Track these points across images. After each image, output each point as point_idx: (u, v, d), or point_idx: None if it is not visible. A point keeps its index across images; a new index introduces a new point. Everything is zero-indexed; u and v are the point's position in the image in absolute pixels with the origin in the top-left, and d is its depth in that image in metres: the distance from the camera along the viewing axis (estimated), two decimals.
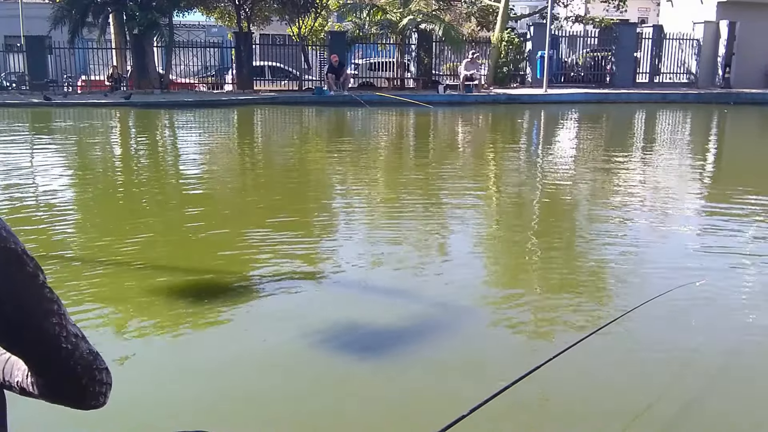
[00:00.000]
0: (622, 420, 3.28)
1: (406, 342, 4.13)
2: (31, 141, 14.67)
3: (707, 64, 27.79)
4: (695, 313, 4.56)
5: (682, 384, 3.66)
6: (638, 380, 3.70)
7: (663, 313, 4.40)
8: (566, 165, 11.96)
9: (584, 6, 34.43)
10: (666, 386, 3.61)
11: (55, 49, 23.84)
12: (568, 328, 4.35)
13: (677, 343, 4.15)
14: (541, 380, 3.18)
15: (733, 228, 7.06)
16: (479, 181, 10.27)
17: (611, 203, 8.48)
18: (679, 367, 3.87)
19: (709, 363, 3.91)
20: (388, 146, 14.59)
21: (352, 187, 9.79)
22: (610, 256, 6.12)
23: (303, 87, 25.56)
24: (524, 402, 3.32)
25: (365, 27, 26.74)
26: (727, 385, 3.68)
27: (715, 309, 4.69)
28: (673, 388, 3.60)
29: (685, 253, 6.07)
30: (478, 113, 21.15)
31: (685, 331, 4.31)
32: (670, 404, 3.42)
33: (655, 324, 4.34)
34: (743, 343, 4.19)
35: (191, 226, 6.73)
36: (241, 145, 14.98)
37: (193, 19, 33.63)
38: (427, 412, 3.29)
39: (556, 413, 3.39)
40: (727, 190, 9.30)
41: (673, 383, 3.66)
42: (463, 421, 1.76)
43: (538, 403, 3.41)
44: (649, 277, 5.39)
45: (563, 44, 28.28)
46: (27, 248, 0.89)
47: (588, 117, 20.77)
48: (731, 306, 4.78)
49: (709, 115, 21.41)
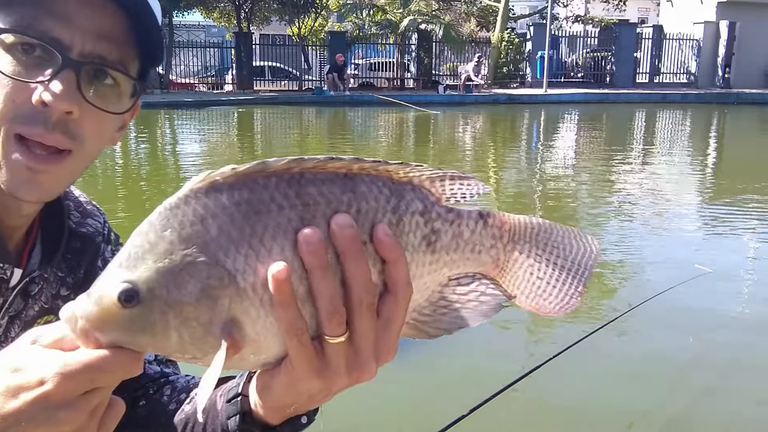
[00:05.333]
0: (622, 420, 3.28)
1: (406, 342, 4.11)
2: None
3: (707, 64, 27.80)
4: (696, 311, 4.56)
5: (687, 382, 3.66)
6: (640, 379, 3.69)
7: (665, 311, 4.39)
8: (569, 164, 11.95)
9: (584, 6, 34.43)
10: (669, 385, 3.60)
11: None
12: (569, 326, 4.34)
13: (679, 341, 4.14)
14: (541, 380, 3.18)
15: (733, 226, 7.06)
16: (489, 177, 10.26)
17: (614, 202, 8.48)
18: (682, 365, 3.86)
19: (712, 362, 3.91)
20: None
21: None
22: (610, 255, 6.11)
23: (303, 87, 25.56)
24: (524, 402, 3.32)
25: (365, 27, 26.75)
26: (735, 383, 3.67)
27: (716, 307, 4.68)
28: (677, 387, 3.59)
29: (686, 251, 6.07)
30: (479, 113, 21.15)
31: (687, 330, 4.30)
32: (672, 404, 3.42)
33: (656, 322, 4.33)
34: (747, 340, 4.19)
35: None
36: (245, 146, 14.97)
37: (193, 20, 33.67)
38: (427, 412, 3.29)
39: (556, 413, 3.38)
40: (728, 188, 9.30)
41: (677, 381, 3.66)
42: (463, 421, 1.76)
43: (538, 403, 3.41)
44: (651, 274, 5.39)
45: (563, 44, 28.29)
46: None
47: (589, 117, 20.77)
48: (733, 303, 4.77)
49: (709, 115, 21.41)
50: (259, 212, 0.55)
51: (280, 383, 0.63)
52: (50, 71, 0.80)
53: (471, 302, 0.65)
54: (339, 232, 0.57)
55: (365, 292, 0.58)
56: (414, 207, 0.61)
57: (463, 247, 0.63)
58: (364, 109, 20.29)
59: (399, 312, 0.61)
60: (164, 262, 0.54)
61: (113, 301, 0.54)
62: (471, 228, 0.63)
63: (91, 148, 0.88)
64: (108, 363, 0.55)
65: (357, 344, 0.61)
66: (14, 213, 0.91)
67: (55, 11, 0.81)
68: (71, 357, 0.56)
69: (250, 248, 0.55)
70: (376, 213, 0.59)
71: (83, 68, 0.82)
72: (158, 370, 1.09)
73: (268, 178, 0.56)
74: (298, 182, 0.57)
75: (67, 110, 0.81)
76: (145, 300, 0.54)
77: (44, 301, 0.98)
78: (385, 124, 18.98)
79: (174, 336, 0.55)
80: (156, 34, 0.88)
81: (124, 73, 0.86)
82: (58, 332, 0.58)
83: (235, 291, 0.55)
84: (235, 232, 0.55)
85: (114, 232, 1.13)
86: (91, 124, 0.85)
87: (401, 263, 0.59)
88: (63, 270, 1.01)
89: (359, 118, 19.75)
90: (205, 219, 0.54)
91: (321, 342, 0.60)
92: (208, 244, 0.54)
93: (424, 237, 0.61)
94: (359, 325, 0.60)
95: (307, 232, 0.56)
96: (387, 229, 0.59)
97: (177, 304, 0.54)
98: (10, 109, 0.81)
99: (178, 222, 0.55)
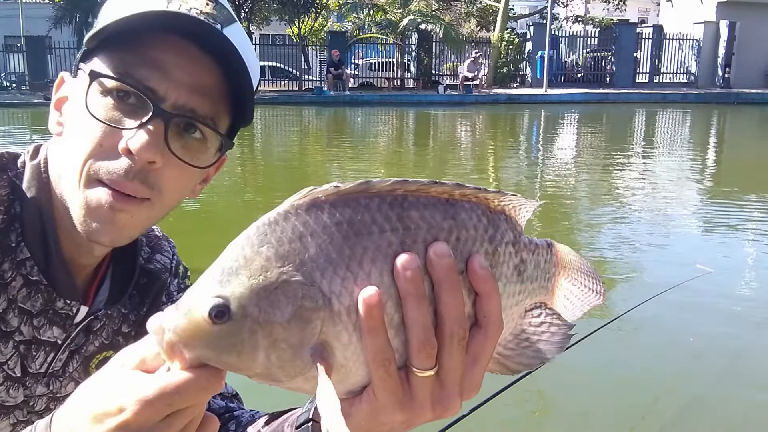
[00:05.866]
0: (622, 419, 3.28)
1: None
2: (30, 142, 14.66)
3: (707, 64, 27.81)
4: (696, 311, 4.55)
5: (687, 382, 3.65)
6: (641, 379, 3.69)
7: (665, 311, 4.38)
8: (569, 164, 11.95)
9: (584, 6, 34.44)
10: (669, 385, 3.60)
11: (55, 49, 23.86)
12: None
13: (679, 341, 4.14)
14: (541, 380, 3.18)
15: (733, 226, 7.06)
16: (487, 177, 10.27)
17: (614, 202, 8.48)
18: (682, 365, 3.86)
19: (712, 361, 3.90)
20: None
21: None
22: (611, 255, 6.11)
23: (303, 87, 25.57)
24: (525, 402, 3.31)
25: (365, 27, 26.75)
26: (735, 382, 3.67)
27: (716, 307, 4.68)
28: (677, 387, 3.59)
29: (686, 251, 6.06)
30: (479, 113, 21.15)
31: (687, 330, 4.30)
32: (672, 404, 3.41)
33: (656, 322, 4.32)
34: (748, 340, 4.19)
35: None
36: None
37: None
38: None
39: (556, 413, 3.38)
40: (729, 188, 9.29)
41: (677, 381, 3.65)
42: (463, 421, 1.75)
43: (538, 403, 3.41)
44: (651, 274, 5.38)
45: (563, 44, 28.29)
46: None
47: (589, 117, 20.77)
48: (733, 303, 4.77)
49: (709, 115, 21.41)
50: (360, 233, 0.54)
51: (360, 412, 0.59)
52: (140, 120, 0.81)
53: (545, 333, 0.64)
54: (437, 261, 0.55)
55: (458, 326, 0.56)
56: (507, 237, 0.60)
57: (540, 277, 0.63)
58: (364, 109, 20.30)
59: (488, 348, 0.59)
60: (259, 279, 0.52)
61: (203, 317, 0.52)
62: (545, 257, 0.64)
63: (170, 199, 0.88)
64: (185, 386, 0.54)
65: (443, 379, 0.58)
66: (86, 252, 0.92)
67: (153, 60, 0.82)
68: (148, 384, 0.55)
69: (347, 270, 0.53)
70: (474, 242, 0.58)
71: (173, 120, 0.82)
72: (223, 404, 1.08)
73: (371, 199, 0.55)
74: (401, 205, 0.55)
75: (150, 160, 0.81)
76: (236, 317, 0.52)
77: (105, 337, 0.99)
78: (385, 124, 18.98)
79: (261, 356, 0.53)
80: (249, 94, 0.88)
81: (212, 129, 0.86)
82: (143, 351, 0.57)
83: (328, 314, 0.53)
84: (333, 253, 0.53)
85: (183, 265, 1.13)
86: (173, 175, 0.85)
87: (494, 297, 0.58)
88: (127, 307, 1.01)
89: (359, 118, 19.75)
90: (304, 237, 0.53)
91: (408, 373, 0.57)
92: (305, 263, 0.53)
93: (515, 267, 0.61)
94: (448, 360, 0.57)
95: (404, 258, 0.54)
96: (483, 260, 0.57)
97: (268, 324, 0.52)
98: (96, 151, 0.81)
99: (276, 238, 0.53)
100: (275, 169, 11.70)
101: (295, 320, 0.52)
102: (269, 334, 0.52)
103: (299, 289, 0.52)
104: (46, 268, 0.89)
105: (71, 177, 0.83)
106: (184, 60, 0.83)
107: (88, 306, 0.95)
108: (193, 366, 0.54)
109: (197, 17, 0.82)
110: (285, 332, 0.53)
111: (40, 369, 0.92)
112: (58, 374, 0.94)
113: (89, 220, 0.83)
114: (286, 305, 0.52)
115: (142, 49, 0.82)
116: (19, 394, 0.91)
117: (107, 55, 0.83)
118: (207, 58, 0.84)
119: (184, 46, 0.83)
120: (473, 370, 0.59)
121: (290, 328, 0.53)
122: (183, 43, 0.83)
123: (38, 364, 0.92)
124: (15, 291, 0.88)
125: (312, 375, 0.54)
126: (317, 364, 0.53)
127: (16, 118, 18.61)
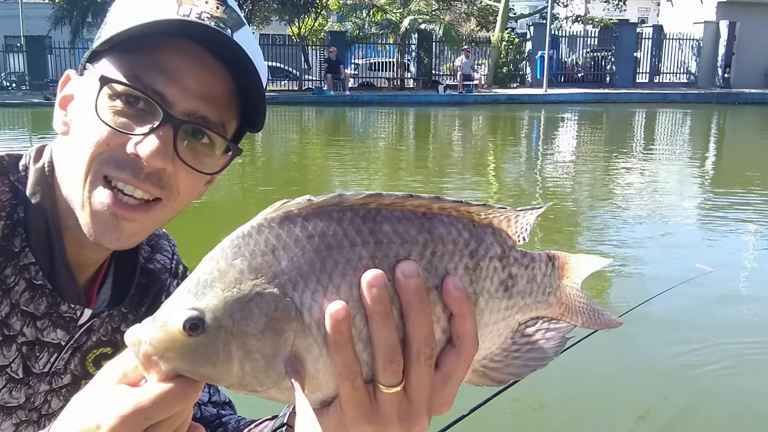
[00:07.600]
0: (623, 419, 3.28)
1: None
2: (30, 142, 14.67)
3: (707, 64, 27.81)
4: (696, 311, 4.55)
5: (687, 382, 3.65)
6: (641, 379, 3.69)
7: (665, 310, 4.38)
8: (569, 164, 11.95)
9: (584, 6, 34.44)
10: (669, 385, 3.60)
11: (55, 49, 23.86)
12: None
13: (679, 341, 4.14)
14: (541, 380, 3.18)
15: (733, 226, 7.06)
16: (487, 176, 10.27)
17: (614, 202, 8.48)
18: (682, 364, 3.86)
19: (713, 361, 3.90)
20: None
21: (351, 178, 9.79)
22: (611, 253, 6.11)
23: (303, 87, 25.57)
24: (525, 402, 3.31)
25: (365, 27, 26.76)
26: (735, 382, 3.67)
27: (717, 307, 4.68)
28: (677, 386, 3.59)
29: (686, 251, 6.06)
30: (479, 113, 21.15)
31: (687, 330, 4.30)
32: (673, 404, 3.41)
33: (656, 322, 4.32)
34: (748, 340, 4.18)
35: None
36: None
37: None
38: None
39: (556, 413, 3.38)
40: (729, 188, 9.29)
41: (677, 381, 3.65)
42: (463, 421, 1.76)
43: (538, 403, 3.41)
44: (651, 274, 5.38)
45: (563, 44, 28.30)
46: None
47: (589, 117, 20.77)
48: (733, 303, 4.77)
49: (709, 115, 21.41)
50: (331, 247, 0.54)
51: (328, 423, 0.59)
52: (150, 126, 0.81)
53: (539, 341, 0.64)
54: (404, 281, 0.54)
55: (425, 345, 0.56)
56: (492, 251, 0.59)
57: (536, 291, 0.62)
58: (364, 109, 20.29)
59: (461, 367, 0.58)
60: (233, 291, 0.53)
61: (178, 329, 0.52)
62: (543, 271, 0.62)
63: (180, 201, 0.88)
64: (160, 399, 0.54)
65: (411, 395, 0.57)
66: (90, 254, 0.92)
67: (164, 65, 0.81)
68: (124, 399, 0.55)
69: (318, 283, 0.54)
70: (453, 256, 0.57)
71: (182, 126, 0.82)
72: (214, 412, 1.08)
73: (344, 212, 0.55)
74: (374, 219, 0.55)
75: (160, 167, 0.81)
76: (210, 329, 0.53)
77: (103, 333, 0.99)
78: (385, 124, 18.98)
79: (236, 367, 0.53)
80: (260, 100, 0.88)
81: (222, 136, 0.86)
82: (124, 364, 0.57)
83: (300, 326, 0.54)
84: (305, 266, 0.54)
85: (183, 265, 1.13)
86: (185, 177, 0.85)
87: (469, 318, 0.57)
88: (126, 306, 1.02)
89: (359, 118, 19.75)
90: (276, 250, 0.53)
91: (375, 388, 0.57)
92: (277, 276, 0.53)
93: (501, 282, 0.60)
94: (415, 378, 0.56)
95: (371, 275, 0.53)
96: (458, 281, 0.56)
97: (242, 335, 0.53)
98: (103, 151, 0.81)
99: (249, 251, 0.53)
100: (275, 169, 11.69)
101: (268, 332, 0.53)
102: (243, 345, 0.53)
103: (272, 301, 0.53)
104: (51, 272, 0.89)
105: (76, 178, 0.83)
106: (195, 66, 0.82)
107: (92, 308, 0.95)
108: (170, 377, 0.54)
109: (208, 24, 0.81)
110: (258, 343, 0.53)
111: (44, 369, 0.93)
112: (60, 372, 0.95)
113: (95, 223, 0.83)
114: (260, 317, 0.53)
115: (152, 54, 0.82)
116: (21, 395, 0.92)
117: (116, 57, 0.82)
118: (217, 64, 0.84)
119: (195, 52, 0.83)
120: (444, 387, 0.58)
121: (263, 340, 0.53)
122: (193, 48, 0.83)
123: (42, 365, 0.92)
124: (18, 295, 0.88)
125: (286, 386, 0.54)
126: (291, 378, 0.54)
127: (16, 118, 18.60)
